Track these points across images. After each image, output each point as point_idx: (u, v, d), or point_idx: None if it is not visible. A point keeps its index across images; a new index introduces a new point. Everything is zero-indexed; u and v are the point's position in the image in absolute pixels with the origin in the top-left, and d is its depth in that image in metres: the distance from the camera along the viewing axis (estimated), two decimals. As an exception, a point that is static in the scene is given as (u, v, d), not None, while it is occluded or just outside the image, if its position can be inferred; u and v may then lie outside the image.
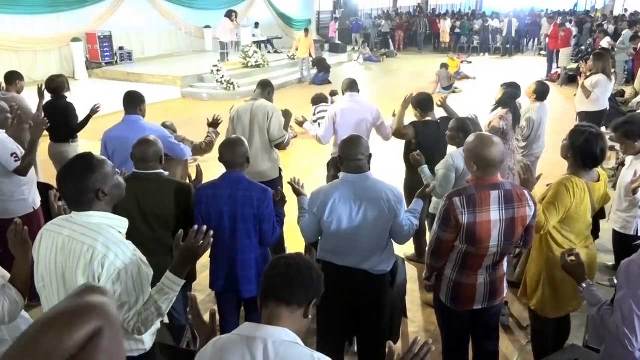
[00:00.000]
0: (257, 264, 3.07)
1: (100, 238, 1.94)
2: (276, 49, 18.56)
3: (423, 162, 3.84)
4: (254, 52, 14.68)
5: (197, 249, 2.04)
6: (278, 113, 4.39)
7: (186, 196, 3.05)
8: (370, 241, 2.84)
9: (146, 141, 3.00)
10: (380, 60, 20.06)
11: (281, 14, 21.13)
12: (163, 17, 16.21)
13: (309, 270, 1.68)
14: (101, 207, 2.02)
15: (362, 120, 4.70)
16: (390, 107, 5.43)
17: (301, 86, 14.42)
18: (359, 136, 2.96)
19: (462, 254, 2.67)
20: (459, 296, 2.78)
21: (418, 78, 15.62)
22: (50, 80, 5.27)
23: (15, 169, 3.69)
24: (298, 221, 3.05)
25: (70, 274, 1.96)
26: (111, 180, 2.03)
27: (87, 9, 13.94)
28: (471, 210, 2.54)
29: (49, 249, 2.02)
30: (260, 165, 4.32)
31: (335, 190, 2.82)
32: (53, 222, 2.09)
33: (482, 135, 2.70)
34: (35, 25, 12.74)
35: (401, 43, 23.68)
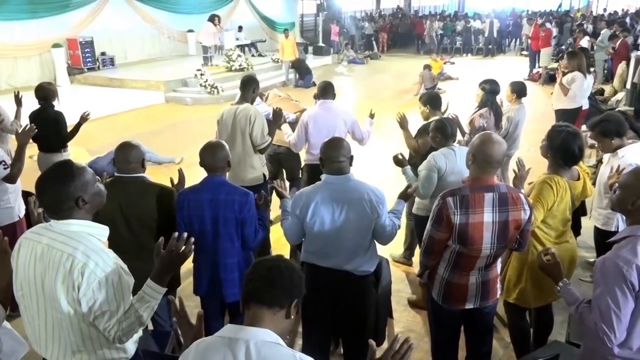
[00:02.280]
0: (240, 267, 3.06)
1: (80, 247, 1.92)
2: (260, 52, 18.54)
3: (405, 164, 3.86)
4: (237, 55, 14.65)
5: (178, 257, 2.03)
6: (261, 117, 4.38)
7: (169, 200, 3.03)
8: (353, 242, 2.85)
9: (128, 145, 2.99)
10: (364, 62, 20.13)
11: (264, 17, 21.12)
12: (145, 21, 16.11)
13: (290, 272, 1.69)
14: (81, 215, 2.00)
15: (335, 127, 4.64)
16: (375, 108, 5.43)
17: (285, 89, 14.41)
18: (341, 138, 2.98)
19: (455, 253, 2.68)
20: (450, 295, 2.79)
21: (402, 79, 15.70)
22: (39, 87, 5.16)
23: (5, 177, 3.66)
24: (281, 224, 3.05)
25: (49, 283, 1.94)
26: (91, 188, 2.02)
27: (68, 14, 13.80)
28: (464, 211, 2.55)
29: (27, 258, 2.00)
30: (243, 171, 4.31)
31: (317, 192, 2.83)
32: (32, 230, 2.07)
33: (489, 133, 2.72)
34: (14, 31, 12.58)
35: (385, 45, 23.79)
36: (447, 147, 3.77)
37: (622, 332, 2.10)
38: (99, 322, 1.94)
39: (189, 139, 8.86)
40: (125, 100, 11.84)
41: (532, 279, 3.13)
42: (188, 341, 1.84)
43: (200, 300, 3.30)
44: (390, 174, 6.01)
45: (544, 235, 3.10)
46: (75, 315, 1.94)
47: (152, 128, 9.89)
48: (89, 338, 1.99)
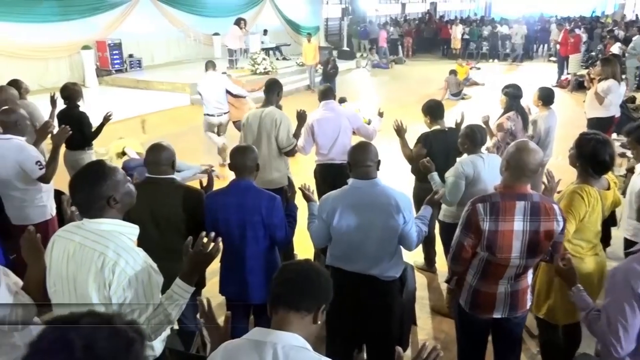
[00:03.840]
0: (266, 270, 3.09)
1: (111, 245, 1.97)
2: (284, 55, 18.67)
3: (433, 169, 3.85)
4: (262, 58, 14.77)
5: (206, 256, 2.06)
6: (287, 120, 4.43)
7: (197, 203, 3.08)
8: (379, 247, 2.85)
9: (159, 146, 3.05)
10: (388, 67, 20.10)
11: (289, 21, 21.26)
12: (172, 24, 16.37)
13: (318, 276, 1.70)
14: (112, 214, 2.05)
15: (340, 127, 4.72)
16: (397, 113, 5.43)
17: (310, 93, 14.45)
18: (368, 142, 2.99)
19: (484, 261, 2.66)
20: (478, 303, 2.77)
21: (426, 84, 15.61)
22: (64, 87, 5.34)
23: (40, 177, 3.76)
24: (308, 227, 3.08)
25: (81, 281, 1.98)
26: (122, 188, 2.07)
27: (98, 16, 14.12)
28: (493, 218, 2.53)
29: (60, 255, 2.05)
30: (269, 173, 4.35)
31: (344, 196, 2.85)
32: (65, 229, 2.13)
33: (525, 141, 2.70)
34: (46, 33, 12.88)
35: (410, 49, 23.70)
36: (475, 154, 3.74)
37: (629, 343, 2.08)
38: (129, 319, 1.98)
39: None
40: (151, 102, 12.03)
41: (561, 291, 3.07)
42: (215, 342, 1.86)
43: (226, 302, 3.33)
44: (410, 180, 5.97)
45: (575, 247, 3.04)
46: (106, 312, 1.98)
47: (176, 130, 10.01)
48: (118, 335, 2.03)
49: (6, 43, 12.10)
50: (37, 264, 2.27)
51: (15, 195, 3.83)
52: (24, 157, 3.68)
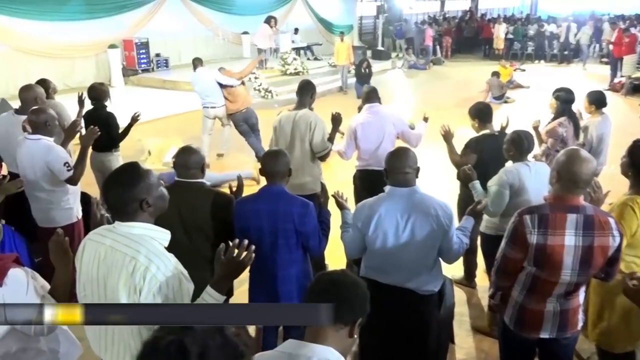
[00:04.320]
0: (297, 279, 3.12)
1: (142, 250, 2.02)
2: (316, 55, 18.76)
3: (474, 177, 3.81)
4: (293, 58, 14.90)
5: (238, 264, 2.09)
6: (321, 124, 4.46)
7: (226, 208, 3.13)
8: (417, 259, 2.85)
9: (188, 149, 3.12)
10: (426, 68, 20.00)
11: (322, 19, 21.37)
12: (200, 23, 16.63)
13: (355, 287, 1.71)
14: (144, 218, 2.11)
15: (384, 132, 4.71)
16: (434, 117, 5.40)
17: (343, 95, 14.48)
18: (406, 148, 2.99)
19: (531, 277, 2.63)
20: (524, 321, 2.73)
21: (466, 87, 15.47)
22: (92, 87, 5.50)
23: (67, 178, 3.88)
24: (341, 236, 3.09)
25: (112, 285, 2.04)
26: (155, 192, 2.13)
27: (125, 15, 14.44)
28: (542, 231, 2.50)
29: (91, 259, 2.12)
30: (301, 178, 4.38)
31: (381, 204, 2.86)
32: (96, 232, 2.20)
33: (576, 149, 2.65)
34: (73, 32, 13.24)
35: (449, 49, 23.53)
36: (521, 162, 3.70)
37: None
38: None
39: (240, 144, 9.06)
40: (178, 103, 12.23)
41: (615, 313, 2.99)
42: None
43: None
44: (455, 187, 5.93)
45: (628, 265, 2.96)
46: (136, 320, 2.03)
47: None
48: (148, 343, 2.08)
49: (33, 41, 12.50)
50: (64, 267, 2.35)
51: (42, 196, 3.97)
52: (52, 158, 3.81)
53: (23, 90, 4.72)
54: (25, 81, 5.10)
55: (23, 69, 12.07)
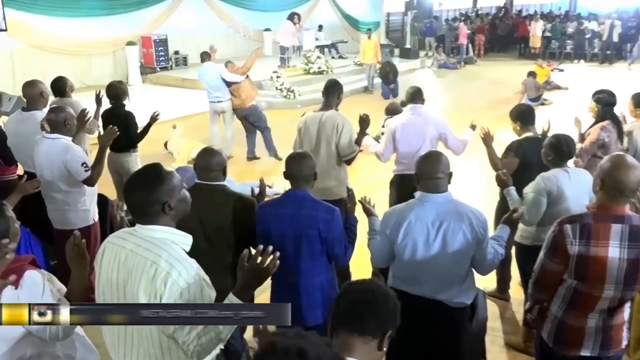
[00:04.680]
0: (322, 288, 3.12)
1: (163, 254, 2.05)
2: (341, 53, 18.80)
3: (510, 183, 3.78)
4: (316, 57, 14.92)
5: (262, 271, 2.10)
6: (349, 125, 4.47)
7: (249, 212, 3.15)
8: (449, 269, 2.84)
9: (210, 151, 3.16)
10: (456, 67, 19.89)
11: (347, 16, 21.42)
12: (220, 19, 16.81)
13: (385, 298, 1.72)
14: (166, 222, 2.14)
15: (425, 135, 4.68)
16: (466, 120, 5.37)
17: (368, 96, 14.45)
18: (438, 152, 2.98)
19: (572, 290, 2.60)
20: (564, 338, 2.69)
21: (500, 87, 15.32)
22: (110, 86, 5.60)
23: (85, 179, 3.96)
24: (368, 243, 3.08)
25: (131, 290, 2.07)
26: (178, 194, 2.16)
27: (143, 11, 14.70)
28: (584, 242, 2.47)
29: (111, 263, 2.15)
30: (326, 182, 4.37)
31: (410, 210, 2.85)
32: (116, 235, 2.24)
33: (622, 155, 2.60)
34: (90, 28, 13.53)
35: (482, 48, 23.35)
36: (560, 168, 3.65)
37: None
38: (179, 335, 2.05)
39: (261, 146, 9.12)
40: (197, 102, 12.33)
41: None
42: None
43: (276, 322, 3.37)
44: (487, 194, 5.89)
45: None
46: (156, 326, 2.06)
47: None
48: (167, 350, 2.11)
49: (50, 38, 12.80)
50: (81, 270, 2.40)
51: (58, 197, 4.05)
52: (69, 158, 3.88)
53: (27, 86, 4.82)
54: (42, 79, 5.18)
55: (39, 66, 12.34)
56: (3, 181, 4.53)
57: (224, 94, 8.47)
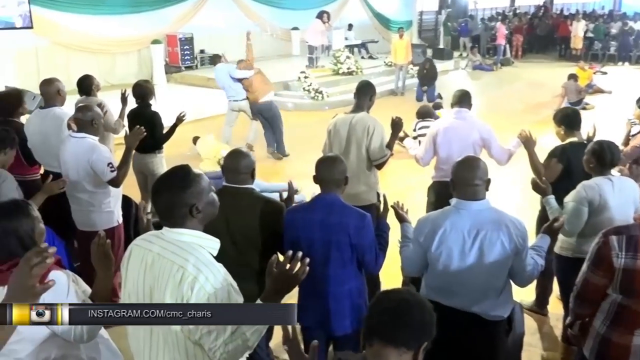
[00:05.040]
0: (351, 296, 3.12)
1: (191, 258, 2.07)
2: (371, 54, 18.80)
3: (549, 192, 3.73)
4: (346, 57, 14.94)
5: (291, 278, 2.11)
6: (380, 128, 4.47)
7: (277, 217, 3.17)
8: (485, 280, 2.82)
9: (238, 153, 3.19)
10: (492, 69, 19.71)
11: (378, 15, 21.42)
12: (247, 17, 16.90)
13: (422, 308, 1.71)
14: (193, 225, 2.17)
15: (469, 141, 4.65)
16: (502, 124, 5.35)
17: (400, 99, 14.38)
18: (476, 158, 2.97)
19: (616, 305, 2.57)
20: (607, 356, 2.66)
21: (539, 90, 15.16)
22: (137, 85, 5.70)
23: (111, 180, 4.03)
24: (400, 251, 3.08)
25: (158, 295, 2.10)
26: (206, 197, 2.19)
27: (169, 8, 14.88)
28: (631, 255, 2.45)
29: (138, 266, 2.19)
30: (356, 187, 4.35)
31: (446, 218, 2.84)
32: (143, 237, 2.27)
33: None
34: (115, 26, 13.76)
35: (519, 49, 23.10)
36: (603, 176, 3.59)
37: None
38: (205, 342, 2.07)
39: (288, 148, 9.17)
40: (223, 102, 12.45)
41: None
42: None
43: (302, 330, 3.38)
44: (524, 202, 5.82)
45: None
46: (182, 331, 2.09)
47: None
48: (193, 357, 2.13)
49: (75, 35, 13.04)
50: (106, 272, 2.45)
51: (83, 198, 4.13)
52: (95, 158, 3.96)
53: (44, 84, 4.94)
54: (66, 77, 5.32)
55: (63, 64, 12.60)
56: (26, 181, 4.63)
57: (237, 92, 8.89)
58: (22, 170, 4.67)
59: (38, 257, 1.72)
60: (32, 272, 1.71)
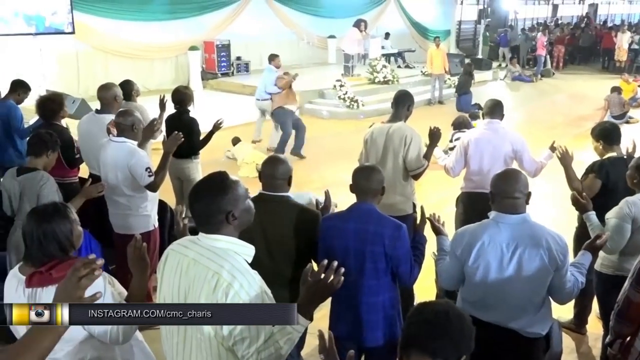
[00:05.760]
0: (384, 308, 3.11)
1: (226, 265, 2.10)
2: (408, 63, 18.75)
3: (590, 208, 3.66)
4: (382, 66, 14.94)
5: (326, 287, 2.11)
6: (418, 138, 4.46)
7: (312, 225, 3.18)
8: (523, 296, 2.79)
9: (276, 159, 3.22)
10: (532, 80, 19.45)
11: (416, 24, 21.37)
12: (284, 25, 17.09)
13: (461, 320, 1.70)
14: (229, 232, 2.19)
15: (500, 152, 4.63)
16: (542, 137, 5.28)
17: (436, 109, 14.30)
18: (517, 170, 2.96)
19: None
20: None
21: (581, 103, 14.91)
22: (176, 91, 5.81)
23: (148, 184, 4.12)
24: (436, 264, 3.06)
25: (192, 300, 2.13)
26: (242, 204, 2.21)
27: (207, 15, 15.15)
28: None
29: (173, 271, 2.22)
30: (391, 197, 4.32)
31: (484, 231, 2.82)
32: (179, 243, 2.31)
33: None
34: (154, 32, 14.04)
35: (561, 60, 22.75)
36: (647, 192, 3.52)
37: None
38: (238, 349, 2.09)
39: (322, 156, 9.20)
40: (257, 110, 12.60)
41: None
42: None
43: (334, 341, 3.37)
44: (560, 217, 5.72)
45: None
46: (215, 338, 2.11)
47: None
48: (226, 363, 2.15)
49: (114, 41, 13.36)
50: (142, 275, 2.50)
51: (121, 201, 4.22)
52: (134, 162, 4.05)
53: (102, 90, 5.07)
54: (105, 82, 5.43)
55: (102, 69, 12.97)
56: (65, 183, 4.75)
57: (264, 94, 9.81)
58: (62, 172, 4.81)
59: (87, 268, 1.76)
60: (80, 283, 1.75)
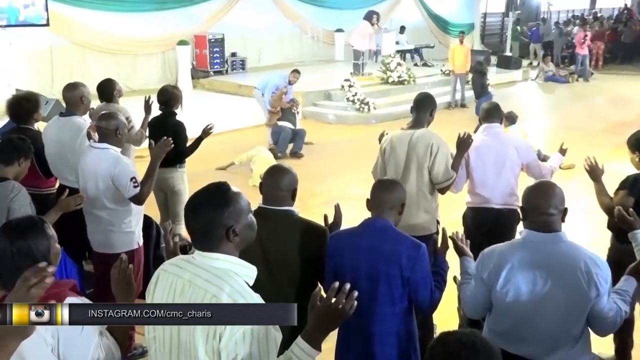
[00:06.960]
0: (399, 339, 3.11)
1: (226, 287, 2.11)
2: (425, 60, 18.82)
3: (637, 226, 3.67)
4: (397, 64, 14.97)
5: (337, 313, 2.11)
6: (445, 147, 4.41)
7: (319, 242, 3.20)
8: (559, 326, 2.79)
9: (280, 169, 3.24)
10: (568, 81, 19.49)
11: (435, 16, 21.47)
12: (286, 17, 17.11)
13: (489, 352, 1.72)
14: (228, 250, 2.22)
15: (504, 159, 4.69)
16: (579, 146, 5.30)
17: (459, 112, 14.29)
18: (552, 183, 2.96)
19: None
20: None
21: (622, 107, 14.92)
22: (163, 90, 5.85)
23: (133, 196, 4.13)
24: (460, 289, 3.07)
25: (187, 329, 2.13)
26: (244, 219, 2.24)
27: (199, 6, 15.19)
28: None
29: (165, 293, 2.24)
30: (414, 216, 4.32)
31: (514, 252, 2.84)
32: (172, 262, 2.33)
33: None
34: (138, 25, 14.08)
35: (600, 58, 22.79)
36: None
37: None
38: None
39: (327, 167, 9.22)
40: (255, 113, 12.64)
41: None
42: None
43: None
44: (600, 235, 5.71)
45: None
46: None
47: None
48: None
49: (95, 35, 13.37)
50: (126, 300, 2.49)
51: (102, 216, 4.22)
52: (118, 171, 4.06)
53: (67, 89, 5.10)
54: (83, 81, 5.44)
55: (80, 66, 12.95)
56: (40, 194, 4.77)
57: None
58: (38, 182, 4.82)
59: (37, 276, 1.79)
60: (30, 292, 1.78)
